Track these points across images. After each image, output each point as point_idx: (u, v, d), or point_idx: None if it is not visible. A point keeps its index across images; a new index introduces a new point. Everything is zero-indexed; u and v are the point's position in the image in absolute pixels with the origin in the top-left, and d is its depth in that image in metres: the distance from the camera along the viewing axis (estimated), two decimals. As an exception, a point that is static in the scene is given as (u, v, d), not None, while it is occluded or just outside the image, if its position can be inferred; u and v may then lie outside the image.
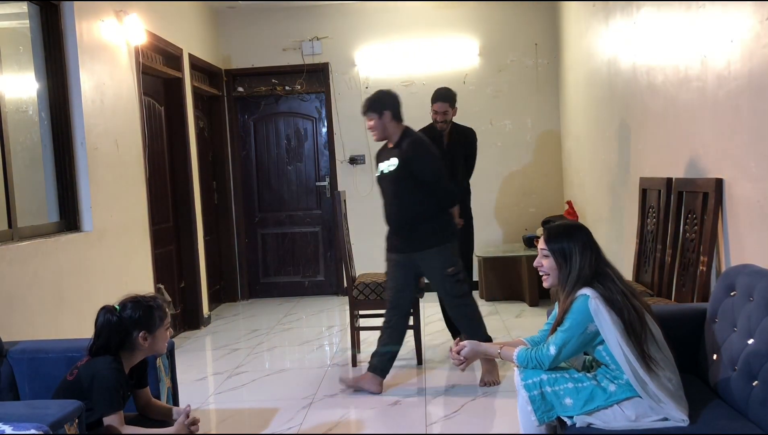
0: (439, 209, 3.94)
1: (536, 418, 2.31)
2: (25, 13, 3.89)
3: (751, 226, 2.81)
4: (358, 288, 4.46)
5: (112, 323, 2.46)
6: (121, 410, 2.39)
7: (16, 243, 3.36)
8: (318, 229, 7.17)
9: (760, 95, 2.66)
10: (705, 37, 3.16)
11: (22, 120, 3.88)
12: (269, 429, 3.52)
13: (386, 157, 3.99)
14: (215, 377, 4.50)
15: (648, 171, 4.05)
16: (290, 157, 7.17)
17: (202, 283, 6.02)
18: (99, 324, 2.47)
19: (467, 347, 2.64)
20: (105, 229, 4.22)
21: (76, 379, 2.41)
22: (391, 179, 3.94)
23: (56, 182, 4.01)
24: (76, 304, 3.78)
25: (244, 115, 7.16)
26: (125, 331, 2.47)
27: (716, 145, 3.11)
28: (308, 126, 7.15)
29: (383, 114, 3.90)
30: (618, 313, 2.27)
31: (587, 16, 5.42)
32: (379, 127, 3.92)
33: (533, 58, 6.79)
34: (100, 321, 2.47)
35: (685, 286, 3.29)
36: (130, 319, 2.48)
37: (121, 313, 2.48)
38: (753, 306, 2.32)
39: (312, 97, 7.08)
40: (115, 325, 2.46)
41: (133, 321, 2.48)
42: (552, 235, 2.45)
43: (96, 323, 2.48)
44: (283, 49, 6.93)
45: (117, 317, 2.47)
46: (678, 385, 2.27)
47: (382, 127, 3.93)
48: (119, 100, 4.58)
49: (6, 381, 2.74)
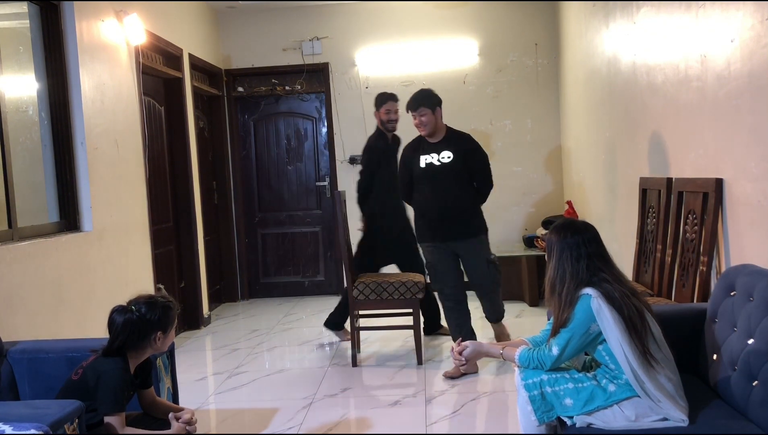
0: (480, 202, 4.35)
1: (536, 418, 2.31)
2: (25, 13, 3.89)
3: (751, 226, 2.81)
4: (358, 288, 4.46)
5: (134, 323, 2.43)
6: (123, 412, 2.38)
7: (16, 243, 3.36)
8: (318, 229, 7.17)
9: (760, 95, 2.66)
10: (705, 37, 3.16)
11: (22, 120, 3.88)
12: (269, 429, 3.52)
13: (433, 151, 4.21)
14: (215, 377, 4.50)
15: (648, 171, 4.05)
16: (290, 157, 7.17)
17: (202, 283, 6.02)
18: (118, 324, 2.43)
19: (469, 347, 2.65)
20: (105, 229, 4.22)
21: (82, 378, 2.40)
22: (442, 171, 4.18)
23: (56, 182, 4.01)
24: (76, 304, 3.78)
25: (244, 115, 7.16)
26: (145, 332, 2.46)
27: (716, 145, 3.11)
28: (308, 126, 7.15)
29: (437, 110, 4.18)
30: (619, 311, 2.27)
31: (587, 16, 5.41)
32: (431, 121, 4.18)
33: (533, 58, 6.80)
34: (120, 321, 2.43)
35: (685, 286, 3.29)
36: (150, 319, 2.46)
37: (139, 313, 2.46)
38: (753, 306, 2.32)
39: (312, 97, 7.08)
40: (136, 324, 2.44)
41: (152, 322, 2.47)
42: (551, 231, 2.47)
43: (112, 324, 2.45)
44: (283, 49, 6.93)
45: (137, 317, 2.45)
46: (678, 384, 2.27)
47: (434, 122, 4.19)
48: (119, 100, 4.58)
49: (6, 381, 2.73)
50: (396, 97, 5.01)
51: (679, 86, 3.51)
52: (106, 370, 2.37)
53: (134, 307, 2.47)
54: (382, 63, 6.85)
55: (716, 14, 3.03)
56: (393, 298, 4.44)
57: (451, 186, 4.18)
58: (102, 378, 2.36)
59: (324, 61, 6.91)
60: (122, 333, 2.42)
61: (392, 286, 4.41)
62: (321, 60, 6.91)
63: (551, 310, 2.47)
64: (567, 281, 2.36)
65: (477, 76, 6.83)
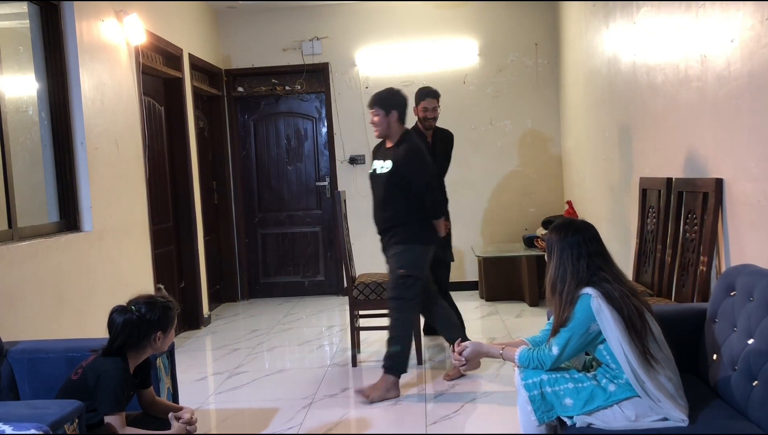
0: (421, 216, 3.97)
1: (536, 418, 2.31)
2: (25, 13, 3.89)
3: (751, 226, 2.81)
4: (358, 288, 4.46)
5: (134, 323, 2.43)
6: (123, 412, 2.38)
7: (16, 243, 3.36)
8: (318, 229, 7.17)
9: (760, 95, 2.66)
10: (705, 37, 3.16)
11: (22, 120, 3.88)
12: (269, 429, 3.52)
13: (382, 157, 4.03)
14: (215, 377, 4.50)
15: (648, 171, 4.05)
16: (290, 157, 7.17)
17: (202, 283, 6.02)
18: (118, 324, 2.43)
19: (469, 348, 2.65)
20: (105, 229, 4.22)
21: (81, 378, 2.40)
22: (381, 180, 3.98)
23: (56, 182, 4.01)
24: (76, 304, 3.78)
25: (244, 115, 7.16)
26: (145, 332, 2.46)
27: (716, 145, 3.11)
28: (308, 126, 7.15)
29: (390, 112, 3.94)
30: (619, 311, 2.27)
31: (587, 16, 5.41)
32: (383, 124, 3.95)
33: (533, 58, 6.79)
34: (119, 321, 2.43)
35: (685, 286, 3.29)
36: (150, 319, 2.46)
37: (139, 312, 2.46)
38: (753, 306, 2.32)
39: (312, 97, 7.08)
40: (136, 324, 2.44)
41: (152, 322, 2.47)
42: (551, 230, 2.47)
43: (112, 324, 2.44)
44: (283, 49, 6.93)
45: (137, 317, 2.45)
46: (678, 384, 2.27)
47: (386, 125, 3.96)
48: (119, 100, 4.58)
49: (6, 381, 2.73)
50: (436, 93, 4.73)
51: (679, 86, 3.51)
52: (106, 369, 2.37)
53: (134, 307, 2.47)
54: (382, 63, 6.85)
55: (716, 14, 3.03)
56: (393, 298, 4.43)
57: (385, 195, 3.98)
58: (102, 378, 2.35)
59: (324, 61, 6.91)
60: (122, 333, 2.42)
61: (392, 286, 4.41)
62: (321, 60, 6.91)
63: (552, 309, 2.47)
64: (568, 280, 2.36)
65: (477, 76, 6.83)
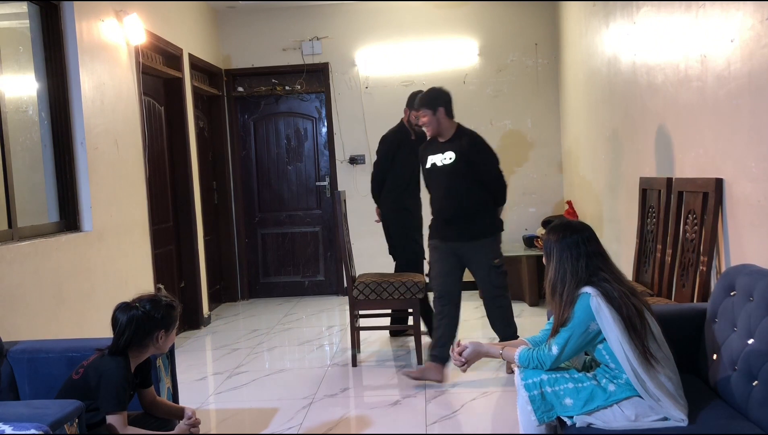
0: (491, 203, 4.22)
1: (536, 418, 2.31)
2: (25, 13, 3.89)
3: (751, 226, 2.81)
4: (358, 288, 4.46)
5: (139, 319, 2.43)
6: (125, 411, 2.38)
7: (16, 243, 3.36)
8: (318, 229, 7.17)
9: (760, 95, 2.66)
10: (705, 37, 3.16)
11: (22, 120, 3.88)
12: (269, 429, 3.52)
13: (439, 151, 4.16)
14: (215, 377, 4.50)
15: (648, 171, 4.05)
16: (290, 157, 7.17)
17: (202, 283, 6.02)
18: (123, 321, 2.42)
19: (469, 348, 2.65)
20: (105, 229, 4.22)
21: (83, 377, 2.40)
22: (446, 172, 4.12)
23: (56, 182, 4.01)
24: (76, 304, 3.78)
25: (244, 115, 7.16)
26: (149, 329, 2.46)
27: (716, 145, 3.11)
28: (308, 126, 7.15)
29: (437, 110, 4.11)
30: (618, 310, 2.28)
31: (587, 16, 5.41)
32: (433, 122, 4.13)
33: (533, 58, 6.79)
34: (124, 319, 2.42)
35: (685, 286, 3.29)
36: (155, 317, 2.47)
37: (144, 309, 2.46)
38: (753, 306, 2.32)
39: (312, 97, 7.08)
40: (141, 321, 2.43)
41: (156, 319, 2.47)
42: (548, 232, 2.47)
43: (117, 321, 2.44)
44: (283, 49, 6.93)
45: (142, 313, 2.45)
46: (678, 384, 2.28)
47: (437, 123, 4.13)
48: (119, 100, 4.58)
49: (6, 381, 2.73)
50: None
51: (679, 86, 3.51)
52: (107, 369, 2.37)
53: (138, 304, 2.48)
54: (382, 63, 6.86)
55: (716, 14, 3.03)
56: (393, 298, 4.44)
57: (453, 187, 4.12)
58: (104, 377, 2.36)
59: (324, 61, 6.91)
60: (127, 329, 2.42)
61: (392, 286, 4.41)
62: (321, 60, 6.91)
63: (552, 310, 2.47)
64: (568, 281, 2.36)
65: (477, 76, 6.83)
